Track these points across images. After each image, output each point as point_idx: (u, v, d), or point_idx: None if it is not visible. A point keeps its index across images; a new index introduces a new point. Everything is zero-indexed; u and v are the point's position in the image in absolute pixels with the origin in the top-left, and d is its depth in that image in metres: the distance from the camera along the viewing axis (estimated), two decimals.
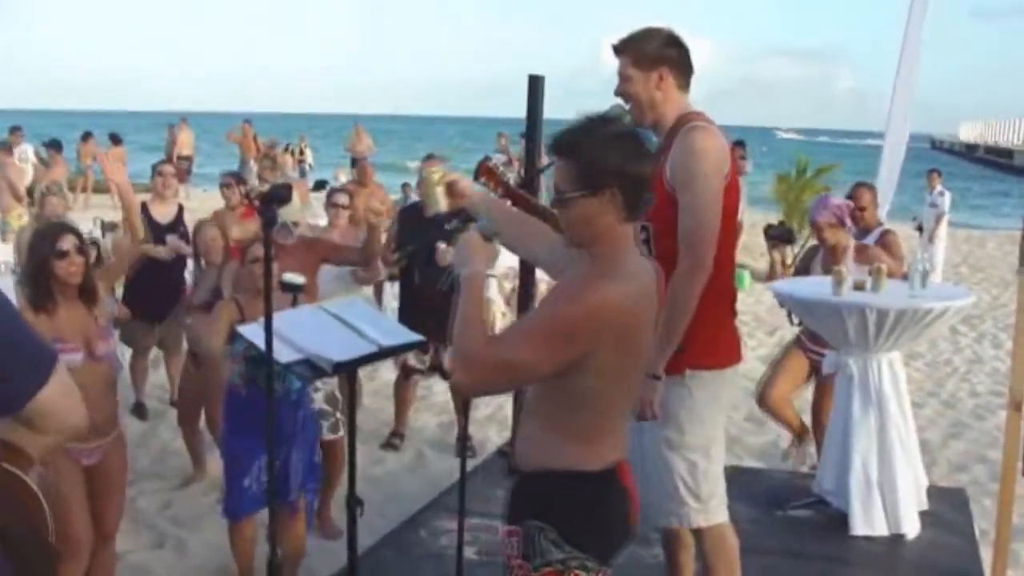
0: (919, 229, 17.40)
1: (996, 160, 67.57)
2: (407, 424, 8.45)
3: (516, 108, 7.47)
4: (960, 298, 6.20)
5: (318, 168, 27.54)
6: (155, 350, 8.83)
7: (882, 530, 6.02)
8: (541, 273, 9.11)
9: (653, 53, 4.01)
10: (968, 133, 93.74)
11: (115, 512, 5.01)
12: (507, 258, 8.38)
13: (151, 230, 7.62)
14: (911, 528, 6.05)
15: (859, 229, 7.32)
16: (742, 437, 8.14)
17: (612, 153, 2.81)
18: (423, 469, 7.81)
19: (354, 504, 3.98)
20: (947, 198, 17.30)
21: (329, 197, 8.54)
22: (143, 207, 8.41)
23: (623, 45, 4.06)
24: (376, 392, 9.59)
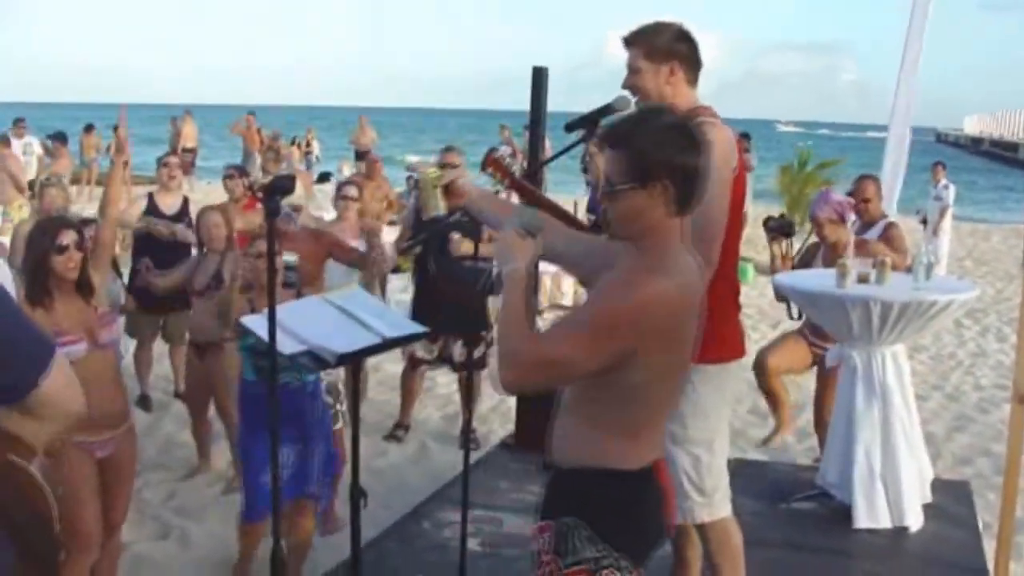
0: (923, 222, 17.38)
1: (1001, 154, 67.41)
2: (412, 416, 8.45)
3: (519, 101, 7.48)
4: (964, 291, 6.19)
5: (323, 160, 27.58)
6: (159, 342, 8.84)
7: (885, 523, 6.01)
8: (544, 265, 9.11)
9: (664, 47, 3.98)
10: (973, 126, 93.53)
11: (124, 504, 5.01)
12: None
13: (156, 221, 7.64)
14: (915, 521, 6.04)
15: (863, 222, 7.32)
16: (746, 430, 8.14)
17: (664, 145, 2.75)
18: (426, 461, 7.82)
19: (358, 495, 3.98)
20: (951, 191, 17.27)
21: (338, 190, 8.55)
22: (149, 197, 8.45)
23: (634, 38, 4.04)
24: (380, 383, 9.59)
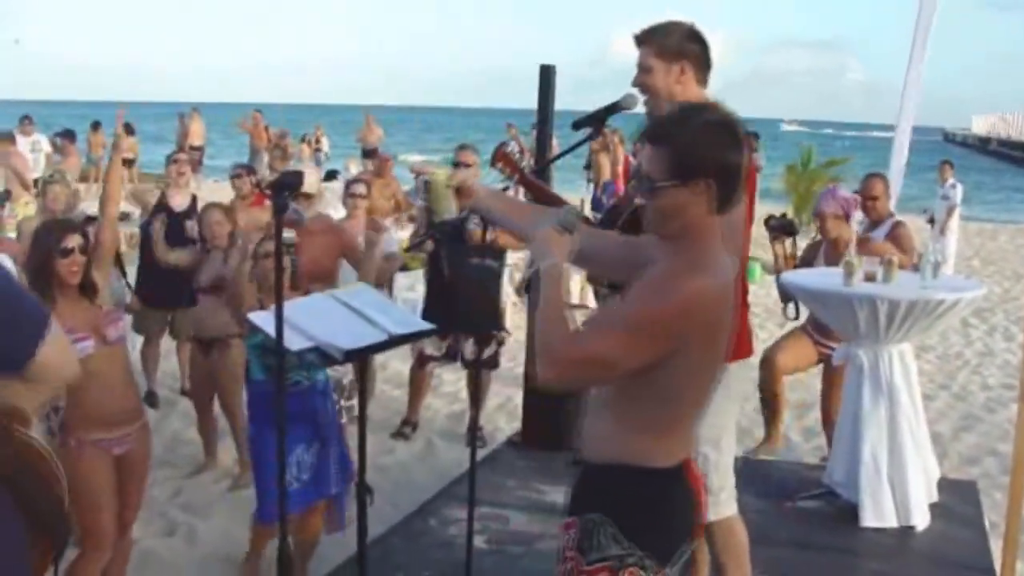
0: (931, 221, 17.35)
1: (1009, 153, 67.29)
2: (419, 413, 8.45)
3: (526, 99, 7.47)
4: (971, 290, 6.19)
5: (331, 158, 27.57)
6: (166, 339, 8.85)
7: (892, 522, 6.01)
8: None
9: (675, 46, 3.97)
10: (981, 126, 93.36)
11: (137, 501, 5.01)
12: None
13: (167, 218, 7.65)
14: (921, 520, 6.04)
15: (870, 220, 7.31)
16: (752, 429, 8.13)
17: (706, 143, 2.71)
18: (433, 458, 7.82)
19: (364, 492, 3.98)
20: (959, 190, 17.21)
21: (347, 188, 8.56)
22: (161, 195, 8.48)
23: (646, 36, 4.03)
24: (386, 381, 9.60)
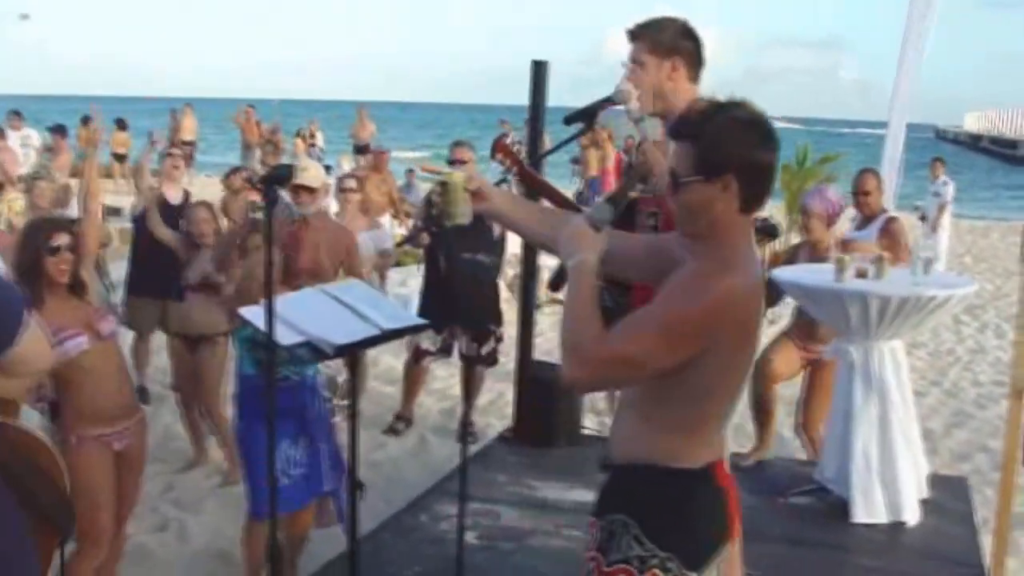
0: (922, 218, 17.38)
1: (1001, 151, 67.39)
2: (413, 408, 8.45)
3: (520, 96, 7.46)
4: (962, 286, 6.19)
5: (327, 153, 27.53)
6: (157, 336, 8.84)
7: (883, 518, 6.02)
8: (544, 259, 9.10)
9: (669, 42, 3.96)
10: (973, 123, 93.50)
11: (133, 496, 5.02)
12: (511, 244, 8.40)
13: (163, 211, 7.65)
14: (912, 516, 6.05)
15: (863, 216, 7.31)
16: (745, 425, 8.13)
17: (733, 139, 2.67)
18: (425, 454, 7.82)
19: (355, 487, 3.98)
20: (951, 187, 17.24)
21: (339, 183, 8.56)
22: (159, 194, 8.49)
23: (639, 31, 4.02)
24: (377, 377, 9.60)
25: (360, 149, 27.06)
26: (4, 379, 2.47)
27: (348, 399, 4.65)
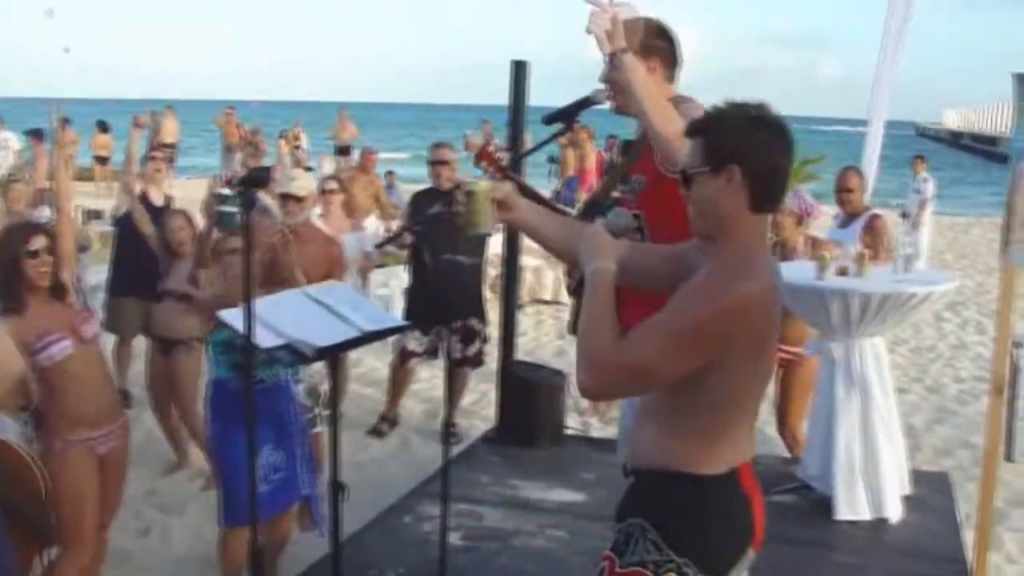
0: (903, 216, 17.43)
1: (981, 147, 67.64)
2: (398, 409, 8.43)
3: (502, 95, 7.46)
4: (943, 283, 6.21)
5: (311, 155, 27.46)
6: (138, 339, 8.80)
7: (865, 514, 6.03)
8: (525, 259, 9.09)
9: (644, 43, 3.96)
10: (952, 120, 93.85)
11: (116, 500, 5.00)
12: (493, 244, 8.39)
13: (148, 212, 7.62)
14: (894, 512, 6.06)
15: (846, 213, 7.33)
16: None
17: (740, 133, 2.70)
18: (408, 455, 7.81)
19: (337, 489, 3.96)
20: (931, 184, 17.30)
21: (320, 185, 8.54)
22: (143, 194, 8.46)
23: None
24: (360, 378, 9.58)
25: (341, 150, 27.02)
26: None
27: (332, 407, 4.63)
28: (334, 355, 3.98)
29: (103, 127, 27.57)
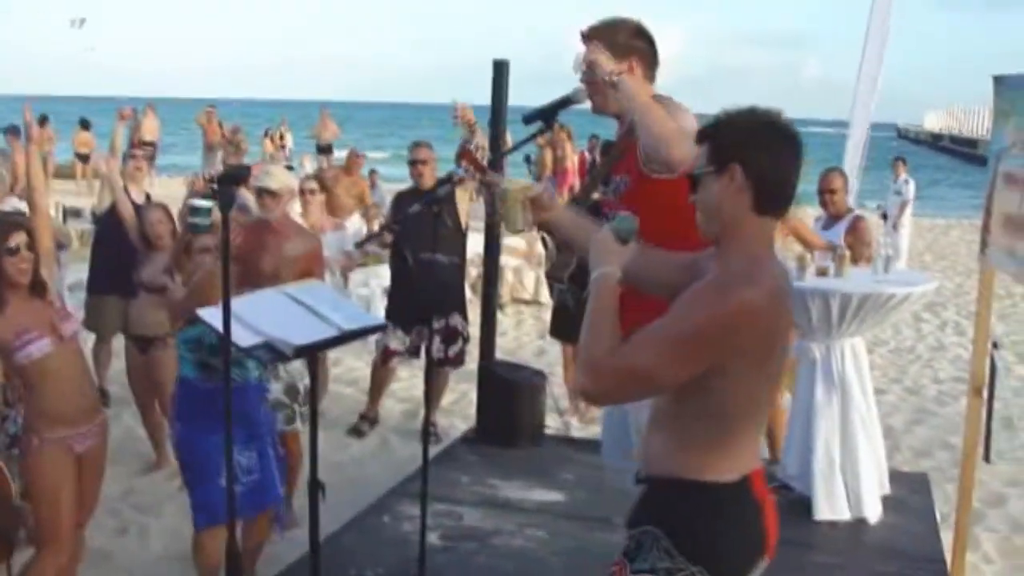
0: (883, 217, 17.50)
1: (961, 150, 67.93)
2: (379, 409, 8.41)
3: (483, 95, 7.46)
4: (923, 284, 6.23)
5: (296, 154, 27.38)
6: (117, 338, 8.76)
7: (845, 515, 6.05)
8: (505, 259, 9.06)
9: (623, 43, 3.95)
10: (933, 122, 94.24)
11: (93, 499, 4.95)
12: (473, 244, 8.38)
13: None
14: (873, 512, 6.08)
15: (829, 215, 7.33)
16: None
17: (745, 133, 2.72)
18: (387, 455, 7.80)
19: (316, 488, 3.94)
20: (911, 186, 17.39)
21: (300, 184, 8.52)
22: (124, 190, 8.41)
23: (593, 33, 4.01)
24: (339, 378, 9.56)
25: (323, 149, 26.96)
26: None
27: (311, 407, 4.60)
28: (313, 354, 3.96)
29: (85, 124, 27.43)
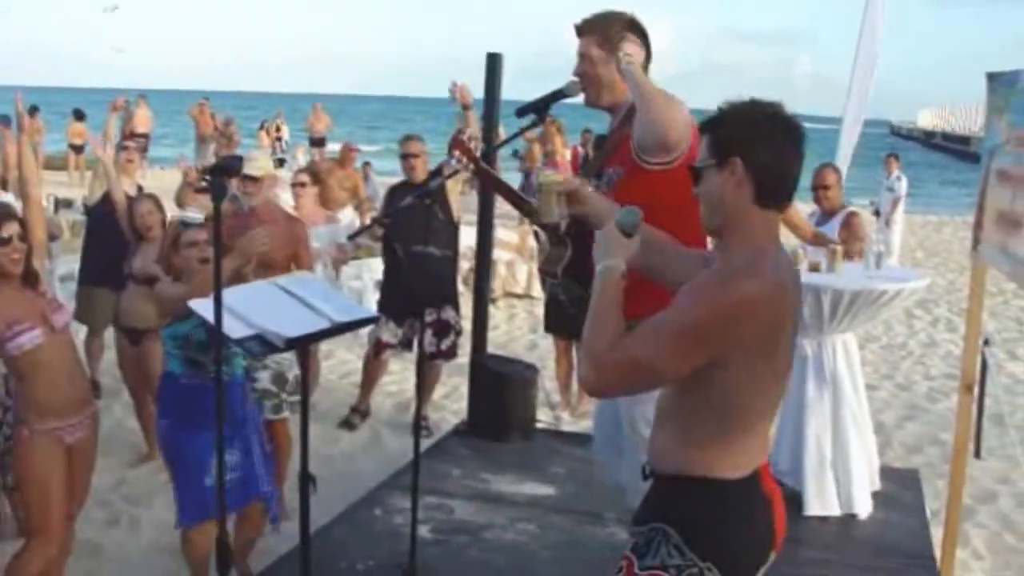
0: (876, 213, 17.51)
1: (953, 147, 68.03)
2: (370, 401, 8.40)
3: (476, 88, 7.45)
4: (915, 280, 6.24)
5: (292, 146, 27.35)
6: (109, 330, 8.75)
7: (835, 510, 6.06)
8: (498, 252, 9.05)
9: (616, 36, 3.97)
10: (926, 120, 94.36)
11: (83, 491, 4.93)
12: (465, 237, 8.37)
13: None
14: (863, 508, 6.10)
15: (823, 211, 7.33)
16: None
17: (745, 125, 2.72)
18: (378, 448, 7.79)
19: (307, 481, 3.93)
20: (904, 183, 17.41)
21: (293, 177, 8.51)
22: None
23: (586, 26, 4.02)
24: (331, 371, 9.55)
25: (316, 142, 26.95)
26: None
27: (299, 394, 4.58)
28: (304, 345, 3.95)
29: (79, 115, 27.36)
